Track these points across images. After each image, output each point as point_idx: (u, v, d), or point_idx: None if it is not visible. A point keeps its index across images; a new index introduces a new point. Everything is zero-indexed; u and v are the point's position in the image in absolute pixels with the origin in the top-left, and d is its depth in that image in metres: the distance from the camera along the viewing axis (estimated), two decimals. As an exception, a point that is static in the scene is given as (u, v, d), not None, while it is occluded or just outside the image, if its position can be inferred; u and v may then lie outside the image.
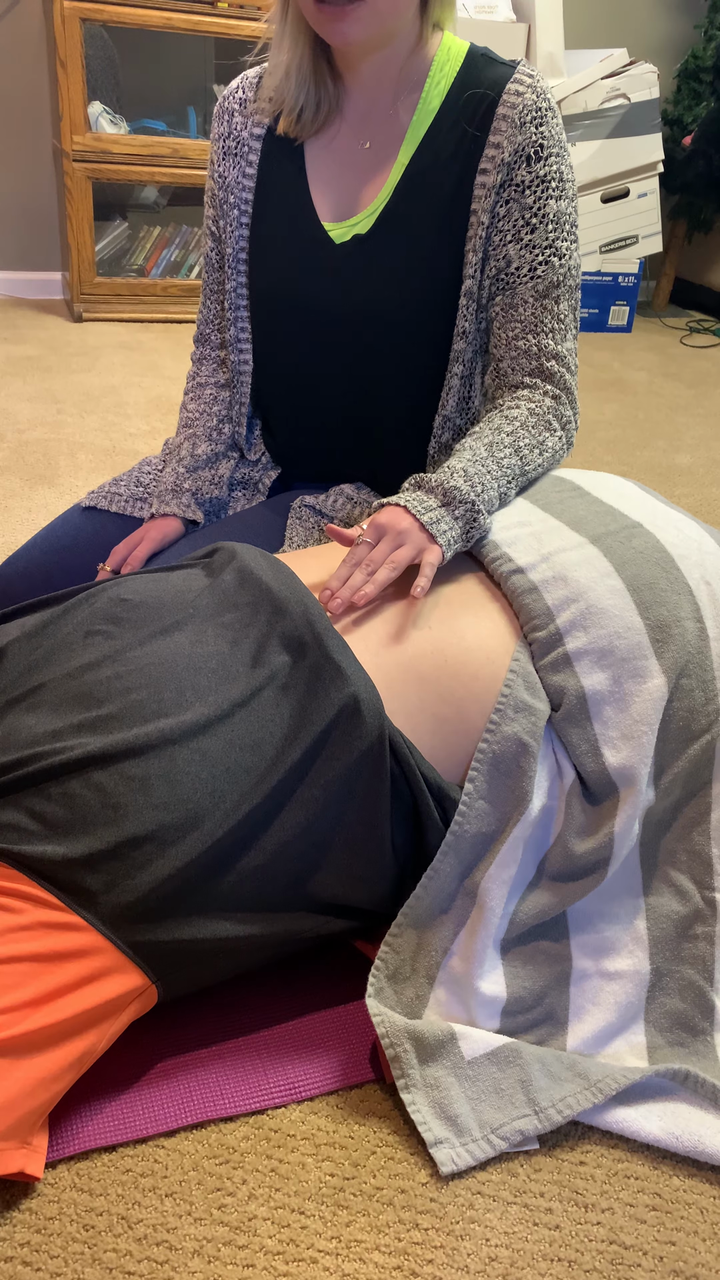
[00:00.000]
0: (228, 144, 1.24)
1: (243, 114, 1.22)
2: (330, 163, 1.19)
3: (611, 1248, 0.82)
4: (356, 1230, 0.82)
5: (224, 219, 1.27)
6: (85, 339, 3.31)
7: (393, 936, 0.95)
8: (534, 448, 1.15)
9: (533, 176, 1.11)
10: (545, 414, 1.17)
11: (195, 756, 0.85)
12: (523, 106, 1.09)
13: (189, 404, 1.39)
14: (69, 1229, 0.80)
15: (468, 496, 1.03)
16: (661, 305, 4.59)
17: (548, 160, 1.11)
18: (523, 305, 1.17)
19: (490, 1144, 0.87)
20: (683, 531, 1.10)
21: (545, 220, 1.13)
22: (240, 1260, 0.79)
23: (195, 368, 1.40)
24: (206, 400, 1.37)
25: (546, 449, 1.17)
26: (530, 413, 1.16)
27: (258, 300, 1.27)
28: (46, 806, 0.82)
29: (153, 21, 3.16)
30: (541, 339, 1.17)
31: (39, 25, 3.38)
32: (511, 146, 1.10)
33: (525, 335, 1.17)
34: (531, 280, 1.15)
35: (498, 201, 1.13)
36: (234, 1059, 0.94)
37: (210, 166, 1.28)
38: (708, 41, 4.04)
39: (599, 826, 0.97)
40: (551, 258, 1.14)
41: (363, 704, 0.90)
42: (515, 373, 1.20)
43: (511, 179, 1.12)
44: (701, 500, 2.46)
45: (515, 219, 1.13)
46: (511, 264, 1.15)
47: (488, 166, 1.12)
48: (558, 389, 1.19)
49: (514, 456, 1.12)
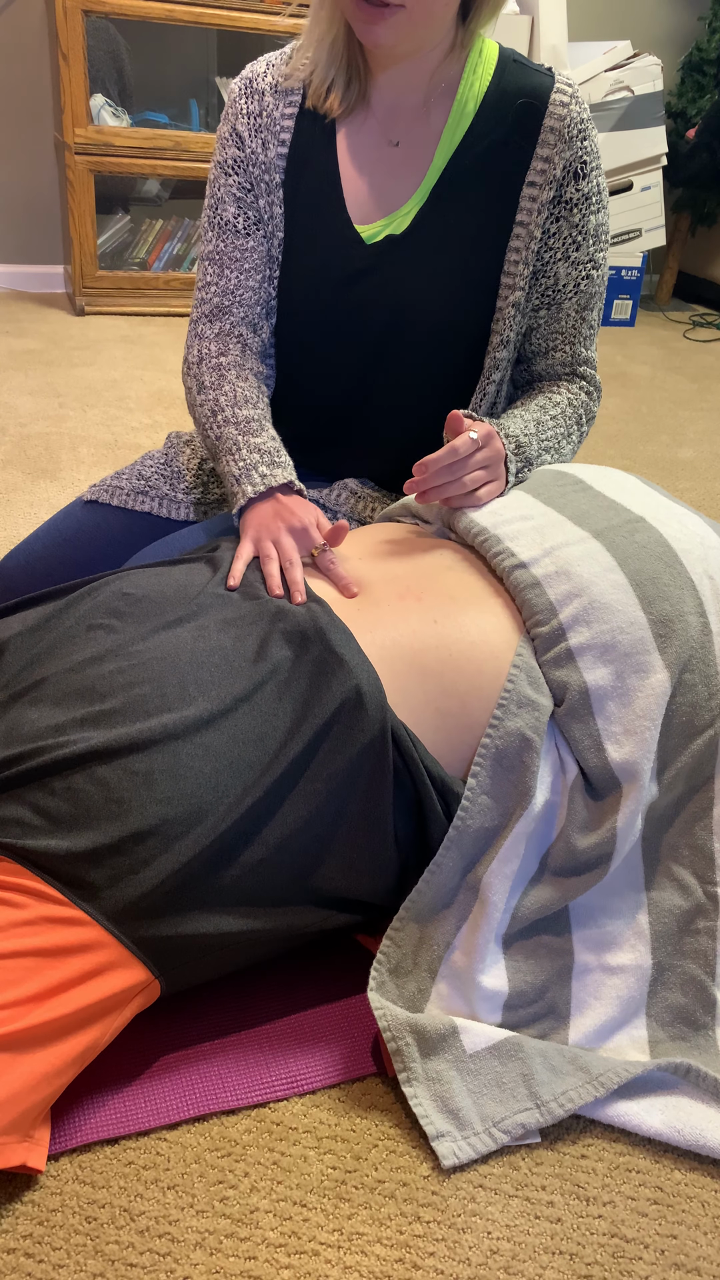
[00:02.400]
0: (260, 120, 1.18)
1: (274, 94, 1.18)
2: (360, 157, 1.18)
3: (613, 1241, 0.83)
4: (358, 1223, 0.82)
5: (262, 198, 1.20)
6: (87, 332, 3.30)
7: (394, 930, 0.95)
8: (565, 437, 1.22)
9: (579, 194, 1.14)
10: (580, 408, 1.24)
11: (198, 751, 0.85)
12: (570, 119, 1.11)
13: (236, 381, 1.20)
14: (71, 1221, 0.80)
15: (529, 454, 1.15)
16: (665, 299, 4.57)
17: (590, 176, 1.14)
18: (565, 318, 1.22)
19: (492, 1137, 0.88)
20: (686, 526, 1.10)
21: (588, 236, 1.17)
22: (242, 1252, 0.79)
23: (219, 344, 1.23)
24: (255, 388, 1.22)
25: (573, 438, 1.24)
26: (570, 404, 1.23)
27: (284, 295, 1.26)
28: (50, 801, 0.82)
29: (155, 14, 3.15)
30: (577, 348, 1.24)
31: (41, 17, 3.37)
32: (561, 161, 1.12)
33: (563, 346, 1.23)
34: (575, 296, 1.20)
35: (549, 218, 1.15)
36: (236, 1052, 0.94)
37: (235, 141, 1.19)
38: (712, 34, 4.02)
39: (602, 821, 0.97)
40: (591, 271, 1.19)
41: (365, 695, 0.90)
42: (550, 374, 1.27)
43: (562, 196, 1.14)
44: (705, 494, 2.46)
45: (565, 237, 1.16)
46: (559, 281, 1.19)
47: (537, 180, 1.13)
48: (590, 386, 1.26)
49: (555, 436, 1.20)
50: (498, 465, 1.10)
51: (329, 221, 1.20)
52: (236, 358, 1.23)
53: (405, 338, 1.21)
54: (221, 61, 3.60)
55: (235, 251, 1.22)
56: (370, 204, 1.19)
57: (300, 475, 1.39)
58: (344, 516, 1.29)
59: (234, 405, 1.18)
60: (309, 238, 1.21)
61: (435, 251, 1.17)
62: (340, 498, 1.29)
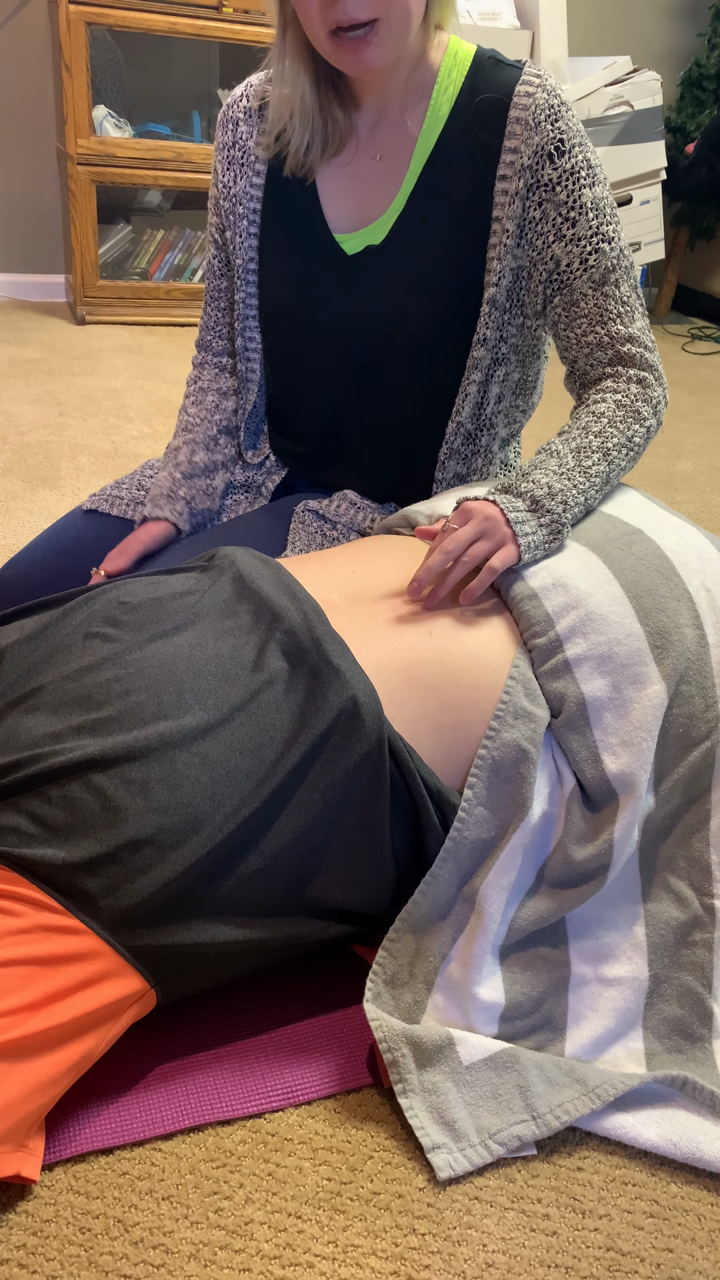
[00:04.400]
0: (233, 153, 1.23)
1: (248, 123, 1.21)
2: (341, 176, 1.19)
3: (609, 1254, 0.82)
4: (353, 1235, 0.82)
5: (231, 229, 1.27)
6: (88, 342, 3.31)
7: (390, 942, 0.95)
8: (622, 447, 1.11)
9: (560, 172, 1.09)
10: (633, 403, 1.13)
11: (195, 760, 0.85)
12: (535, 107, 1.08)
13: (189, 408, 1.38)
14: (65, 1231, 0.80)
15: (554, 509, 1.04)
16: (663, 312, 4.59)
17: (571, 152, 1.09)
18: (583, 300, 1.14)
19: (488, 1149, 0.87)
20: (683, 538, 1.10)
21: (584, 210, 1.11)
22: (237, 1264, 0.79)
23: (196, 372, 1.40)
24: (208, 408, 1.37)
25: (634, 445, 1.13)
26: (617, 405, 1.13)
27: (267, 311, 1.27)
28: (46, 810, 0.82)
29: (158, 26, 3.17)
30: (610, 326, 1.14)
31: (44, 28, 3.39)
32: (529, 149, 1.09)
33: (593, 329, 1.15)
34: (585, 272, 1.12)
35: (528, 206, 1.11)
36: (232, 1063, 0.94)
37: (214, 175, 1.27)
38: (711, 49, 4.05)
39: (599, 833, 0.97)
40: (600, 244, 1.12)
41: (361, 706, 0.90)
42: (595, 367, 1.17)
43: (539, 180, 1.10)
44: (702, 507, 2.47)
45: (553, 218, 1.11)
46: (561, 263, 1.13)
47: (507, 172, 1.11)
48: (641, 370, 1.15)
49: (602, 462, 1.09)
50: (495, 530, 1.01)
51: (310, 234, 1.21)
52: (205, 383, 1.38)
53: (390, 345, 1.21)
54: (224, 74, 3.62)
55: (215, 290, 1.35)
56: (351, 215, 1.20)
57: (301, 486, 1.39)
58: (343, 526, 1.29)
59: (181, 431, 1.37)
60: (291, 251, 1.22)
61: (415, 258, 1.17)
62: (340, 508, 1.30)
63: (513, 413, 1.29)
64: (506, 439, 1.31)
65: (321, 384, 1.27)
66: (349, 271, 1.19)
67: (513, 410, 1.28)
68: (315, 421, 1.31)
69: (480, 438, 1.26)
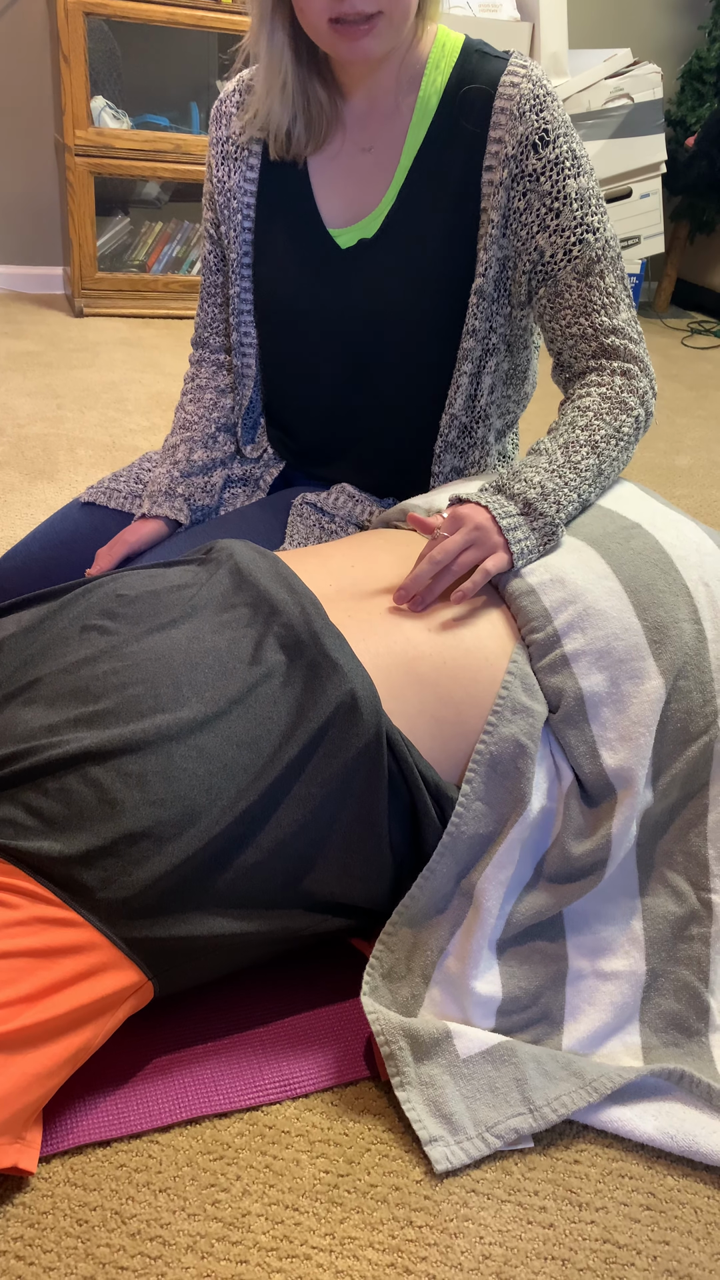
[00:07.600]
0: (226, 148, 1.23)
1: (240, 117, 1.21)
2: (334, 169, 1.19)
3: (605, 1247, 0.82)
4: (350, 1227, 0.82)
5: (226, 224, 1.26)
6: (86, 334, 3.30)
7: (387, 935, 0.95)
8: (610, 439, 1.10)
9: (544, 162, 1.09)
10: (619, 394, 1.12)
11: (192, 753, 0.85)
12: (519, 97, 1.08)
13: (187, 405, 1.38)
14: (63, 1224, 0.80)
15: (547, 511, 1.03)
16: (663, 306, 4.58)
17: (555, 143, 1.09)
18: (567, 290, 1.13)
19: (485, 1142, 0.88)
20: (682, 533, 1.10)
21: (569, 201, 1.10)
22: (234, 1256, 0.79)
23: (194, 369, 1.39)
24: (206, 405, 1.36)
25: (624, 435, 1.12)
26: (602, 398, 1.12)
27: (262, 306, 1.27)
28: (43, 802, 0.82)
29: (156, 16, 3.16)
30: (595, 318, 1.14)
31: (42, 19, 3.37)
32: (514, 139, 1.08)
33: (578, 320, 1.14)
34: (569, 263, 1.12)
35: (512, 196, 1.11)
36: (229, 1055, 0.94)
37: (208, 169, 1.27)
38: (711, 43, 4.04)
39: (596, 828, 0.97)
40: (585, 235, 1.11)
41: (360, 700, 0.90)
42: (579, 359, 1.17)
43: (523, 170, 1.09)
44: (701, 502, 2.46)
45: (537, 208, 1.11)
46: (545, 253, 1.12)
47: (492, 163, 1.10)
48: (625, 362, 1.14)
49: (591, 455, 1.08)
50: (486, 539, 1.01)
51: (303, 228, 1.21)
52: (203, 380, 1.38)
53: (383, 339, 1.21)
54: (223, 65, 3.61)
55: (210, 286, 1.34)
56: (347, 210, 1.19)
57: (299, 479, 1.39)
58: (341, 520, 1.29)
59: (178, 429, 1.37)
60: (285, 246, 1.22)
61: (407, 251, 1.17)
62: (338, 501, 1.30)
63: (506, 403, 1.29)
64: (502, 430, 1.31)
65: (317, 378, 1.27)
66: (343, 266, 1.19)
67: (505, 401, 1.28)
68: (311, 415, 1.31)
69: (475, 429, 1.26)
